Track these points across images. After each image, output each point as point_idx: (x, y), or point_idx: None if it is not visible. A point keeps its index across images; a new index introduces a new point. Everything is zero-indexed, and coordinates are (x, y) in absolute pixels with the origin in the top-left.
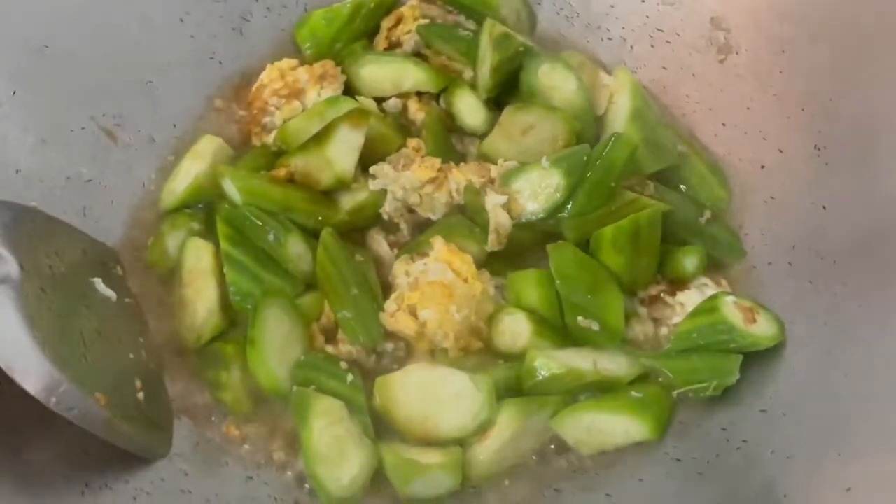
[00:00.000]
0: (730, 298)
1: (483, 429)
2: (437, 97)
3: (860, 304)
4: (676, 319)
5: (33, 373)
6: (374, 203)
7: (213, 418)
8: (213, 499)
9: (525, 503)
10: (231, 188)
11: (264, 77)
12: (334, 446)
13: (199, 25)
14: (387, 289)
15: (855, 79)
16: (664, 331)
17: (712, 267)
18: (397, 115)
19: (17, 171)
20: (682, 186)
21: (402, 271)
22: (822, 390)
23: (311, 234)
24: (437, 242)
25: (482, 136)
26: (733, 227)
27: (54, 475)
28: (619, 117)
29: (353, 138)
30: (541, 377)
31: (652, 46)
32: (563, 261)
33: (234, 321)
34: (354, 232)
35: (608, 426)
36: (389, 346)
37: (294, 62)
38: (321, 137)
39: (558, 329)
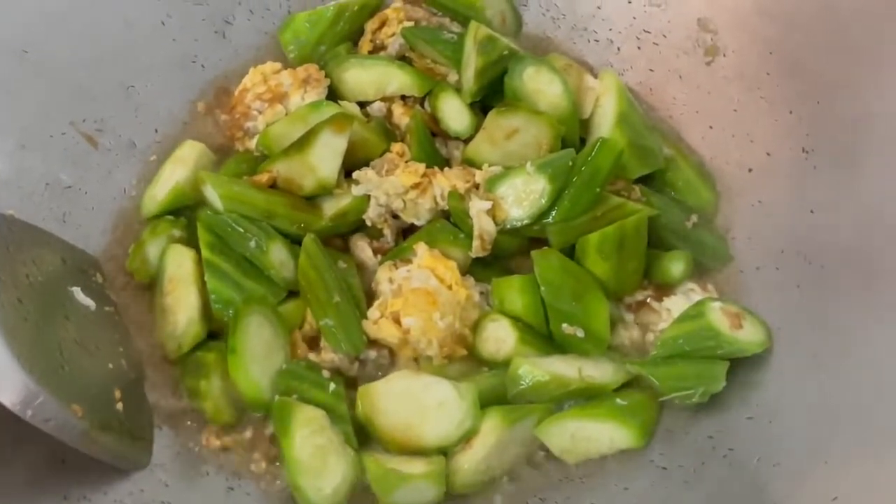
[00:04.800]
0: (716, 304)
1: (467, 437)
2: (421, 101)
3: (848, 309)
4: (663, 325)
5: (9, 385)
6: (358, 209)
7: (193, 428)
8: None
9: None
10: (212, 194)
11: (247, 81)
12: (316, 456)
13: (181, 28)
14: (370, 296)
15: (843, 81)
16: (650, 337)
17: (699, 272)
18: (381, 119)
19: None
20: (668, 190)
21: (386, 278)
22: (809, 397)
23: (294, 241)
24: (421, 249)
25: (467, 140)
26: (720, 231)
27: (32, 487)
28: (605, 121)
29: (336, 143)
30: (525, 385)
31: (639, 48)
32: (548, 267)
33: (216, 329)
34: (337, 238)
35: (593, 434)
36: (372, 353)
37: (277, 66)
38: (304, 142)
39: (543, 336)
